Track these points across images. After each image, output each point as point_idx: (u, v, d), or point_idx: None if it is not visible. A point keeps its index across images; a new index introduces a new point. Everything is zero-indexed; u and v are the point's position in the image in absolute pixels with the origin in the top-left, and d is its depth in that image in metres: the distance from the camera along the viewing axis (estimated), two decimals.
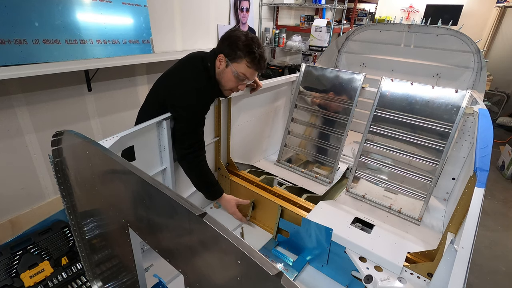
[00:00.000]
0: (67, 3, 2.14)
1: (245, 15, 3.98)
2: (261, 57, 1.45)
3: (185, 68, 1.55)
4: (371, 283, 1.25)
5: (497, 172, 4.00)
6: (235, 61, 1.44)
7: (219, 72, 1.49)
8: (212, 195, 1.69)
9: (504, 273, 2.37)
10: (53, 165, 1.12)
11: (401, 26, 2.60)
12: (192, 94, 1.47)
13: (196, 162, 1.56)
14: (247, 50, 1.41)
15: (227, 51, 1.44)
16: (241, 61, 1.43)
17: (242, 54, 1.42)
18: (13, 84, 2.05)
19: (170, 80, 1.55)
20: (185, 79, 1.50)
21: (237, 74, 1.46)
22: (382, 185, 1.85)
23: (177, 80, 1.52)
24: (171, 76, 1.56)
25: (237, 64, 1.44)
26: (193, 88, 1.47)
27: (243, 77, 1.48)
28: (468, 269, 0.82)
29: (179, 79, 1.52)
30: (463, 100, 1.61)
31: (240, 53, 1.42)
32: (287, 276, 0.53)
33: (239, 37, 1.42)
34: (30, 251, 1.65)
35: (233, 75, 1.47)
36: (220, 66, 1.47)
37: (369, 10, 6.63)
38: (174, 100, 1.47)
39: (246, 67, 1.45)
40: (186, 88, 1.47)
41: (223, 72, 1.48)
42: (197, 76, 1.49)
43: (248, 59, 1.43)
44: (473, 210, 1.00)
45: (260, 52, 1.44)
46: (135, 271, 1.03)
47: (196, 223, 0.68)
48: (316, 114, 2.18)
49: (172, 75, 1.56)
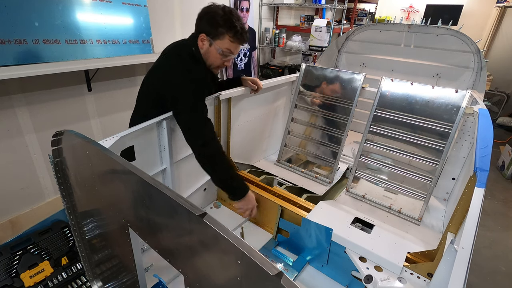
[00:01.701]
0: (67, 3, 2.14)
1: (245, 15, 3.98)
2: (243, 29, 1.43)
3: (174, 60, 1.50)
4: (371, 283, 1.25)
5: (497, 172, 4.00)
6: (217, 38, 1.42)
7: (204, 52, 1.47)
8: (241, 191, 1.56)
9: (504, 273, 2.37)
10: (53, 165, 1.12)
11: (401, 26, 2.60)
12: (188, 84, 1.43)
13: (217, 153, 1.48)
14: (228, 25, 1.39)
15: (208, 29, 1.41)
16: (224, 37, 1.41)
17: (223, 30, 1.39)
18: (13, 84, 2.05)
19: (163, 74, 1.49)
20: (177, 71, 1.45)
21: (222, 51, 1.44)
22: (382, 185, 1.85)
23: (170, 73, 1.46)
24: (162, 70, 1.51)
25: (220, 41, 1.42)
26: (187, 79, 1.43)
27: (228, 53, 1.46)
28: (468, 269, 0.82)
29: (172, 71, 1.46)
30: (463, 100, 1.61)
31: (222, 29, 1.39)
32: (287, 276, 0.53)
33: (216, 12, 1.39)
34: (30, 251, 1.65)
35: (217, 52, 1.45)
36: (203, 46, 1.45)
37: (369, 10, 6.63)
38: (173, 91, 1.43)
39: (229, 42, 1.43)
40: (181, 79, 1.43)
41: (208, 52, 1.46)
42: (188, 66, 1.45)
43: (230, 33, 1.40)
44: (473, 210, 1.00)
45: (241, 25, 1.42)
46: (135, 271, 1.03)
47: (196, 223, 0.68)
48: (316, 114, 2.18)
49: (162, 69, 1.51)
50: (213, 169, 1.48)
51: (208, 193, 1.98)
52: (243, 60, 4.28)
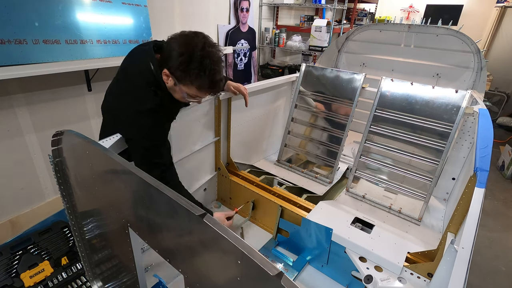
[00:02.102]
0: (67, 3, 2.14)
1: (245, 15, 3.98)
2: (217, 81, 1.22)
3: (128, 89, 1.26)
4: (371, 283, 1.25)
5: (497, 172, 4.00)
6: (183, 83, 1.20)
7: (168, 87, 1.24)
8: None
9: (504, 273, 2.37)
10: (53, 165, 1.12)
11: (401, 26, 2.60)
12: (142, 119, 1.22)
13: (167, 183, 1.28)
14: (200, 76, 1.16)
15: (175, 69, 1.17)
16: (191, 86, 1.20)
17: (192, 79, 1.18)
18: (13, 84, 2.05)
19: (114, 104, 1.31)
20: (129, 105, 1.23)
21: (187, 95, 1.25)
22: (382, 185, 1.85)
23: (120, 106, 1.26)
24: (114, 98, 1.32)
25: (186, 87, 1.21)
26: (138, 113, 1.21)
27: (195, 97, 1.27)
28: (468, 269, 0.82)
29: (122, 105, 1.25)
30: (463, 100, 1.61)
31: (190, 78, 1.17)
32: (287, 276, 0.53)
33: (193, 54, 1.14)
34: (30, 251, 1.65)
35: (182, 94, 1.25)
36: (167, 81, 1.22)
37: (369, 10, 6.63)
38: (123, 131, 1.26)
39: (197, 90, 1.22)
40: (133, 116, 1.22)
41: (172, 89, 1.25)
42: (143, 97, 1.22)
43: (199, 84, 1.20)
44: (473, 210, 1.00)
45: (217, 76, 1.20)
46: (135, 271, 1.03)
47: (196, 223, 0.68)
48: (316, 114, 2.18)
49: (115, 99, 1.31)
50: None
51: (208, 193, 1.98)
52: (243, 60, 4.28)
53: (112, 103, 1.33)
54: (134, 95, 1.24)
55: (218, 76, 1.22)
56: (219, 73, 1.22)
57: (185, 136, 1.69)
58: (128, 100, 1.25)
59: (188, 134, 1.71)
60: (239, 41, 4.06)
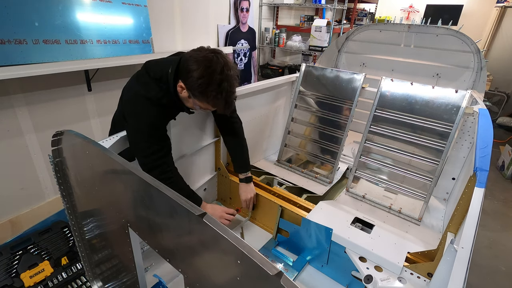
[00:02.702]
0: (67, 3, 2.14)
1: (245, 15, 3.98)
2: (231, 104, 1.29)
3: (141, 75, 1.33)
4: (371, 283, 1.25)
5: (497, 172, 4.00)
6: (198, 99, 1.25)
7: (182, 96, 1.30)
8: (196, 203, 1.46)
9: (504, 273, 2.37)
10: (53, 165, 1.12)
11: (401, 26, 2.60)
12: (139, 102, 1.28)
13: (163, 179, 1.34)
14: (216, 98, 1.22)
15: (191, 85, 1.21)
16: (206, 103, 1.26)
17: (206, 100, 1.24)
18: (13, 84, 2.05)
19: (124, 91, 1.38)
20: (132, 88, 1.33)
21: (199, 108, 1.31)
22: (382, 185, 1.85)
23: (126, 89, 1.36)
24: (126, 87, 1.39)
25: (200, 102, 1.26)
26: (140, 96, 1.28)
27: (206, 109, 1.33)
28: (468, 269, 0.83)
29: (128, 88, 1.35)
30: (463, 100, 1.61)
31: (206, 98, 1.23)
32: (287, 276, 0.53)
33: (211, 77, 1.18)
34: (30, 251, 1.65)
35: (194, 106, 1.31)
36: (181, 92, 1.27)
37: (369, 10, 6.63)
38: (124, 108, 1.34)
39: (210, 107, 1.29)
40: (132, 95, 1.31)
41: (185, 99, 1.29)
42: (148, 85, 1.29)
43: (211, 103, 1.26)
44: (473, 210, 1.00)
45: (231, 99, 1.27)
46: (135, 271, 1.03)
47: (196, 223, 0.68)
48: (316, 114, 2.18)
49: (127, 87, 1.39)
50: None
51: (208, 193, 1.98)
52: (243, 60, 4.28)
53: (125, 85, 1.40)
54: (143, 81, 1.30)
55: (233, 96, 1.29)
56: (234, 93, 1.30)
57: (185, 136, 1.69)
58: (133, 83, 1.34)
59: (188, 134, 1.71)
60: (239, 41, 4.06)
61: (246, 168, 1.74)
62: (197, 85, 1.19)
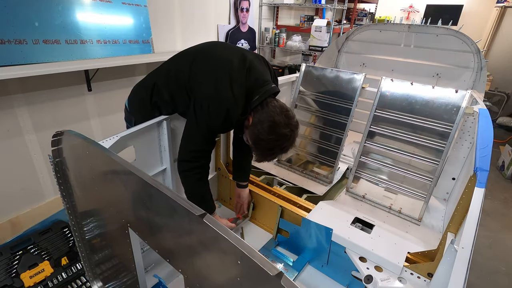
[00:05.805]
0: (67, 3, 2.14)
1: (245, 15, 3.98)
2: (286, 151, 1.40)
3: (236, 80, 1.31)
4: (371, 283, 1.25)
5: (497, 172, 4.00)
6: (254, 146, 1.38)
7: (245, 124, 1.38)
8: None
9: (504, 273, 2.37)
10: (53, 165, 1.12)
11: (401, 26, 2.60)
12: (222, 107, 1.27)
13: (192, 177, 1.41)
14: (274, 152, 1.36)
15: (256, 139, 1.33)
16: (256, 152, 1.40)
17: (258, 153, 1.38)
18: (13, 84, 2.05)
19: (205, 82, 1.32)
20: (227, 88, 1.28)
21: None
22: (382, 185, 1.85)
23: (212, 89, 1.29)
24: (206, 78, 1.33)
25: (253, 146, 1.39)
26: (227, 104, 1.27)
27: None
28: (468, 269, 0.83)
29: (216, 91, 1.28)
30: (463, 100, 1.61)
31: (259, 152, 1.37)
32: (287, 276, 0.53)
33: (280, 136, 1.30)
34: (30, 251, 1.65)
35: (244, 136, 1.44)
36: (246, 120, 1.38)
37: (369, 10, 6.63)
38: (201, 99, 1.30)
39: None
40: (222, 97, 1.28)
41: (245, 125, 1.39)
42: (238, 99, 1.30)
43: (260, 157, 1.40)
44: (473, 210, 1.00)
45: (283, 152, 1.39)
46: (135, 271, 1.03)
47: (196, 223, 0.68)
48: (316, 114, 2.18)
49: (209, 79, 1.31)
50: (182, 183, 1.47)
51: None
52: None
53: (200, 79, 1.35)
54: (238, 91, 1.30)
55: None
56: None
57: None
58: (228, 82, 1.29)
59: None
60: (239, 41, 4.06)
61: (246, 179, 1.77)
62: (260, 145, 1.33)
